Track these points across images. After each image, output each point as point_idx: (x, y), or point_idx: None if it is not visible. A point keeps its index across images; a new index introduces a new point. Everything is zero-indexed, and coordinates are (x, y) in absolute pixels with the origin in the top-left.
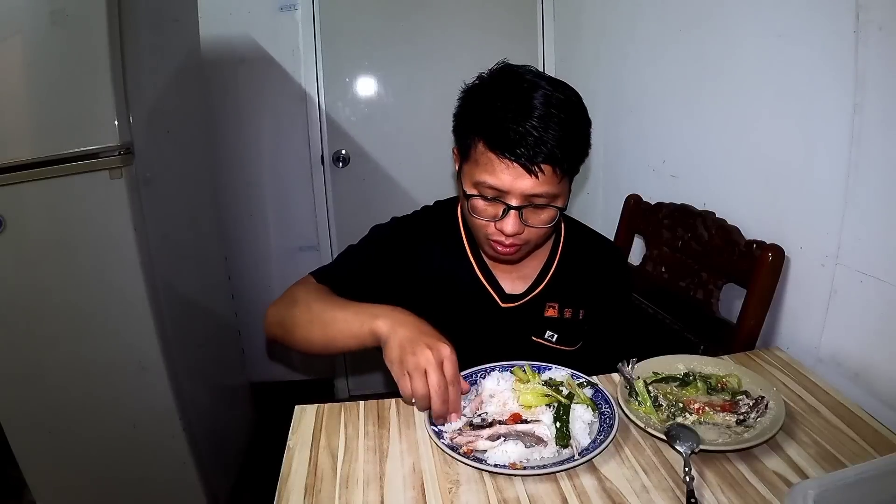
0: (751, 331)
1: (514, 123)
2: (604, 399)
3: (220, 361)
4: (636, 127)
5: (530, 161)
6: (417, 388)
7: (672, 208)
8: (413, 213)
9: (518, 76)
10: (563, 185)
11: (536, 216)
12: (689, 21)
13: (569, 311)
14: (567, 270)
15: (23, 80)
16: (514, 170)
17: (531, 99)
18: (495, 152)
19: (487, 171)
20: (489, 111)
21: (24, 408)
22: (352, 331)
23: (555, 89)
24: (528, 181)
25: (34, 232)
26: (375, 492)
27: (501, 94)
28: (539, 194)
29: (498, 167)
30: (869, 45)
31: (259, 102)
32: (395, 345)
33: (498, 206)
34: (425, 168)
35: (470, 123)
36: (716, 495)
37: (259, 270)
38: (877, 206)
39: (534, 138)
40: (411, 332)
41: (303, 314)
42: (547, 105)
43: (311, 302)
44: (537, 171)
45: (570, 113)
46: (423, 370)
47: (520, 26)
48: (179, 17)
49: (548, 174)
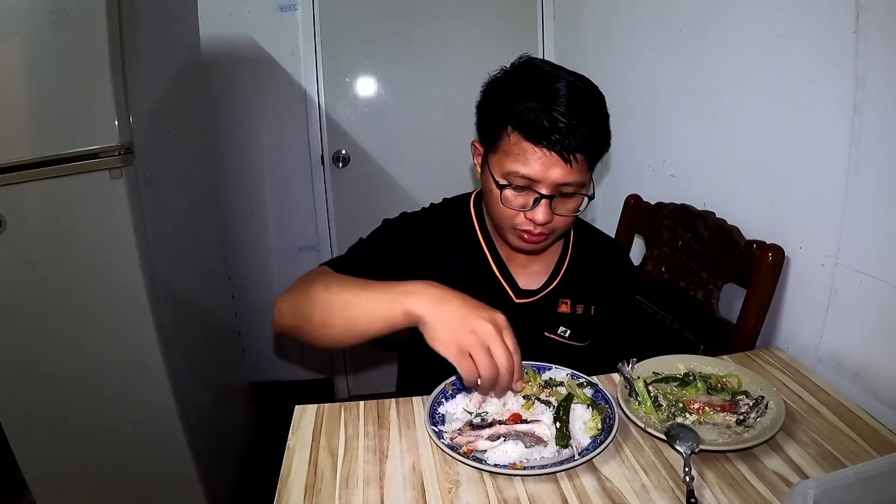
0: (751, 331)
1: (545, 112)
2: (604, 399)
3: (220, 361)
4: (636, 127)
5: (566, 149)
6: (485, 368)
7: (672, 208)
8: (423, 210)
9: (538, 68)
10: (588, 175)
11: (564, 205)
12: (689, 21)
13: (581, 307)
14: (578, 267)
15: (23, 80)
16: (547, 158)
17: (556, 89)
18: (531, 142)
19: (520, 160)
20: (517, 102)
21: (24, 408)
22: (379, 311)
23: (575, 79)
24: (560, 170)
25: (34, 232)
26: (375, 492)
27: (528, 84)
28: (569, 182)
29: (531, 157)
30: (869, 45)
31: (259, 102)
32: (444, 325)
33: (528, 196)
34: (425, 168)
35: (498, 114)
36: (716, 495)
37: (259, 270)
38: (877, 206)
39: (566, 126)
40: (457, 307)
41: (320, 295)
42: (571, 94)
43: (329, 283)
44: (571, 160)
45: (594, 102)
46: (485, 347)
47: (520, 26)
48: (179, 17)
49: (580, 162)
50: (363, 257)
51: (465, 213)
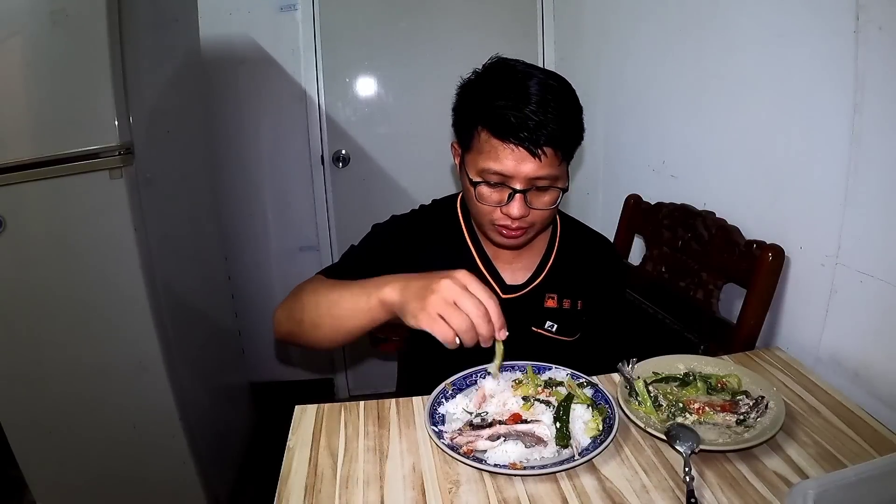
0: (751, 331)
1: (515, 110)
2: (604, 399)
3: (220, 361)
4: (636, 127)
5: (534, 144)
6: (456, 321)
7: (672, 208)
8: (411, 212)
9: (511, 67)
10: (562, 168)
11: (540, 198)
12: (689, 21)
13: (567, 302)
14: (564, 262)
15: (23, 80)
16: (517, 154)
17: (527, 87)
18: (499, 138)
19: (491, 157)
20: (488, 101)
21: (24, 408)
22: (359, 305)
23: (547, 77)
24: (532, 164)
25: (34, 232)
26: (375, 492)
27: (498, 84)
28: (542, 176)
29: (502, 153)
30: (869, 45)
31: (259, 102)
32: (411, 299)
33: (503, 192)
34: (425, 168)
35: (470, 115)
36: (716, 495)
37: (259, 270)
38: (877, 206)
39: (534, 122)
40: (420, 280)
41: (309, 299)
42: (543, 91)
43: (317, 287)
44: (540, 154)
45: (565, 98)
46: (451, 302)
47: (520, 26)
48: (179, 17)
49: (549, 156)
50: (355, 263)
51: (452, 212)
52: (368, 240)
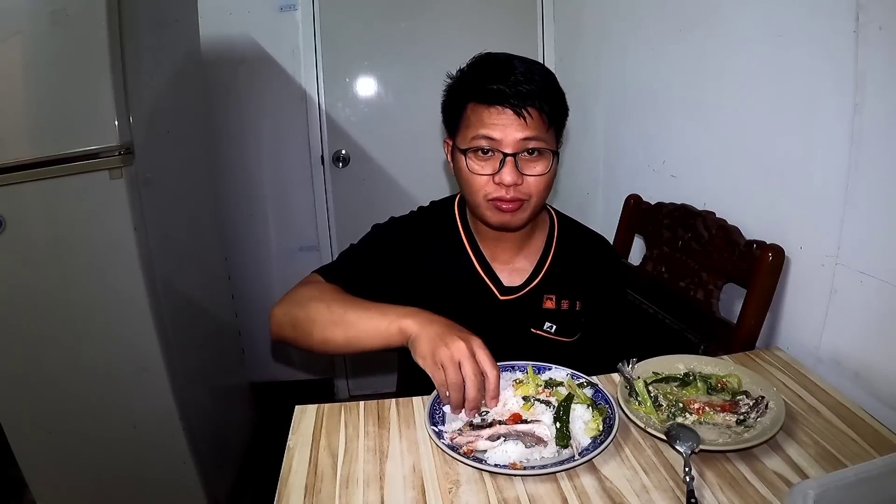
0: (751, 331)
1: (500, 80)
2: (604, 399)
3: (220, 361)
4: (636, 127)
5: (518, 104)
6: (451, 378)
7: (672, 208)
8: (410, 213)
9: (494, 54)
10: (551, 134)
11: (532, 166)
12: (689, 21)
13: (566, 303)
14: (562, 263)
15: (23, 80)
16: (504, 116)
17: (511, 63)
18: (485, 104)
19: (479, 124)
20: (473, 78)
21: (24, 408)
22: (378, 330)
23: (531, 61)
24: (518, 125)
25: (34, 232)
26: (375, 492)
27: (483, 65)
28: (530, 137)
29: (488, 118)
30: (869, 45)
31: (259, 102)
32: (426, 340)
33: (494, 159)
34: (425, 168)
35: (458, 98)
36: (716, 495)
37: (259, 270)
38: (877, 206)
39: (519, 85)
40: (441, 327)
41: (321, 314)
42: (526, 66)
43: (328, 301)
44: (525, 116)
45: (548, 75)
46: (456, 361)
47: (520, 26)
48: (179, 17)
49: (535, 118)
50: (353, 264)
51: (450, 214)
52: (367, 241)
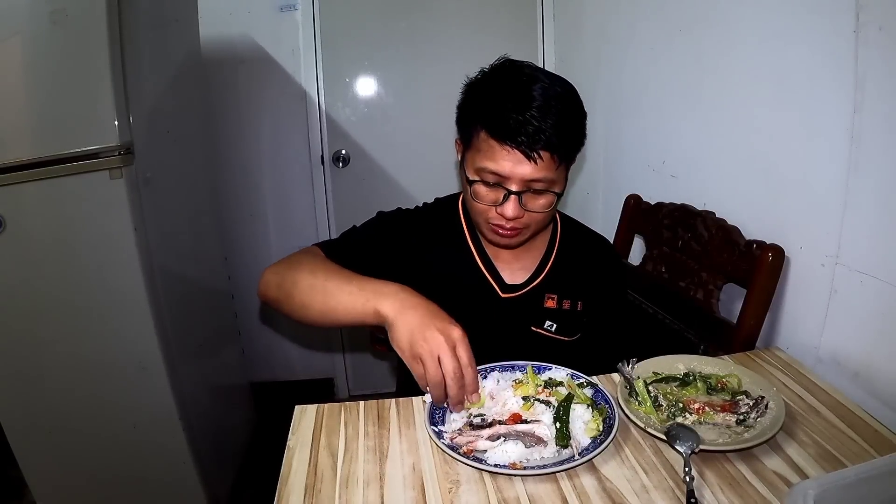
0: (751, 331)
1: (515, 112)
2: (604, 399)
3: (220, 361)
4: (636, 127)
5: (530, 148)
6: (432, 374)
7: (672, 208)
8: (416, 207)
9: (518, 69)
10: (560, 172)
11: (535, 201)
12: (688, 21)
13: (567, 303)
14: (564, 262)
15: (23, 80)
16: (514, 156)
17: (530, 90)
18: (496, 139)
19: (489, 157)
20: (490, 101)
21: (24, 408)
22: (354, 305)
23: (552, 83)
24: (528, 167)
25: (34, 232)
26: (375, 492)
27: (502, 85)
28: (538, 179)
29: (499, 154)
30: (869, 45)
31: (259, 102)
32: (403, 330)
33: (499, 192)
34: (425, 168)
35: (472, 113)
36: (716, 495)
37: (259, 270)
38: (877, 206)
39: (533, 127)
40: (420, 315)
41: (304, 278)
42: (545, 96)
43: (315, 268)
44: (536, 158)
45: (567, 104)
46: (435, 356)
47: (520, 26)
48: (179, 17)
49: (546, 161)
50: (354, 245)
51: (454, 211)
52: (372, 226)
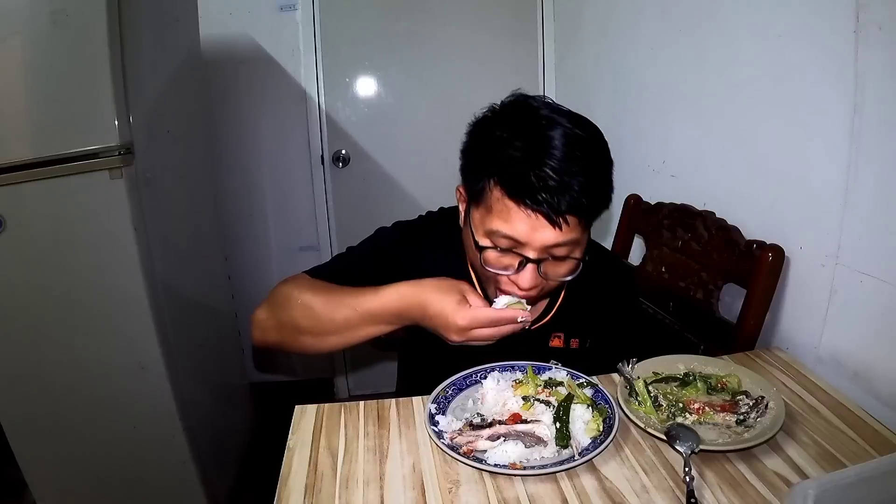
0: (751, 331)
1: (534, 167)
2: (604, 399)
3: (220, 361)
4: (636, 127)
5: (554, 211)
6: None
7: (672, 208)
8: (418, 221)
9: (533, 110)
10: (585, 234)
11: (556, 269)
12: (689, 21)
13: (575, 342)
14: (577, 299)
15: (23, 80)
16: (533, 220)
17: (550, 138)
18: (513, 199)
19: (503, 218)
20: (504, 151)
21: (24, 408)
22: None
23: (574, 125)
24: (550, 233)
25: (34, 232)
26: (375, 492)
27: (517, 131)
28: (561, 244)
29: (515, 216)
30: (869, 45)
31: (259, 102)
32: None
33: (513, 258)
34: (425, 168)
35: (482, 164)
36: (716, 495)
37: (259, 270)
38: (877, 206)
39: (556, 183)
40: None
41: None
42: (568, 145)
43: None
44: (560, 223)
45: (595, 153)
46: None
47: (520, 26)
48: (179, 17)
49: (572, 224)
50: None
51: (457, 238)
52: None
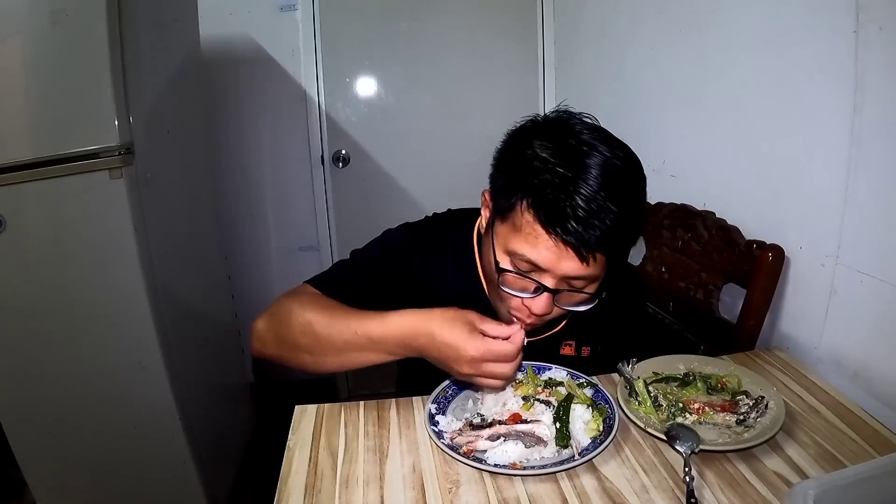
0: (751, 331)
1: (570, 196)
2: (604, 399)
3: (220, 361)
4: (636, 127)
5: (584, 245)
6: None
7: (672, 208)
8: (426, 223)
9: (574, 133)
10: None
11: (570, 298)
12: (689, 21)
13: (586, 350)
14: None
15: (23, 80)
16: (560, 250)
17: (588, 167)
18: (544, 227)
19: (529, 243)
20: (540, 174)
21: (24, 408)
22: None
23: (613, 153)
24: (574, 265)
25: (34, 232)
26: (375, 492)
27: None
28: (581, 277)
29: (543, 243)
30: (869, 45)
31: (259, 102)
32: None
33: (529, 282)
34: (425, 168)
35: (516, 181)
36: (716, 495)
37: (259, 270)
38: (877, 206)
39: (589, 216)
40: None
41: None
42: (606, 176)
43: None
44: (588, 259)
45: (631, 188)
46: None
47: (520, 26)
48: (179, 17)
49: (599, 261)
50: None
51: (468, 240)
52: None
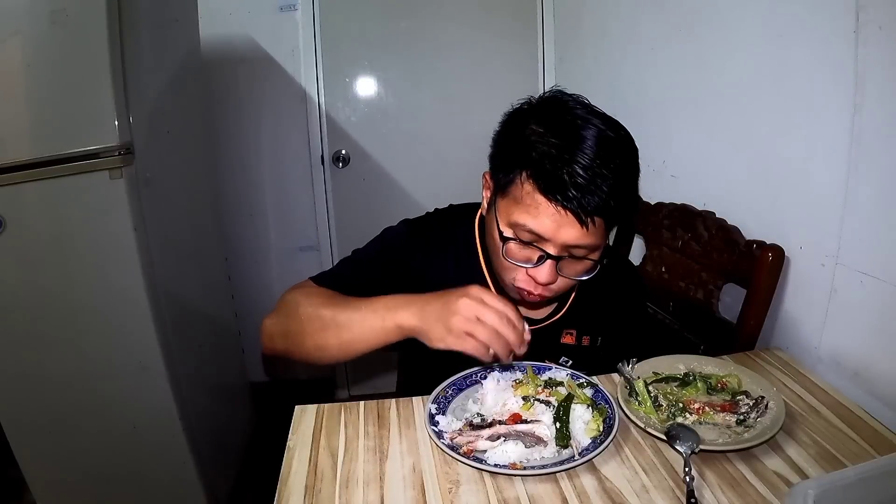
0: (751, 331)
1: (565, 163)
2: (604, 399)
3: (220, 361)
4: (636, 127)
5: (583, 210)
6: (484, 335)
7: (672, 208)
8: (426, 218)
9: (567, 108)
10: (605, 238)
11: (573, 267)
12: (689, 21)
13: (587, 339)
14: (588, 297)
15: (23, 80)
16: (561, 217)
17: (583, 138)
18: (544, 195)
19: (529, 213)
20: (538, 146)
21: (24, 408)
22: (374, 331)
23: (607, 127)
24: (575, 231)
25: (34, 232)
26: (375, 492)
27: (552, 127)
28: (582, 245)
29: (543, 211)
30: (869, 45)
31: (259, 102)
32: (433, 324)
33: (533, 252)
34: (425, 168)
35: (514, 156)
36: (716, 495)
37: (259, 270)
38: (877, 206)
39: (587, 182)
40: (436, 302)
41: (310, 319)
42: (601, 146)
43: (316, 304)
44: (588, 224)
45: (625, 158)
46: (474, 318)
47: (520, 26)
48: (179, 17)
49: (598, 225)
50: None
51: (469, 231)
52: (374, 249)
